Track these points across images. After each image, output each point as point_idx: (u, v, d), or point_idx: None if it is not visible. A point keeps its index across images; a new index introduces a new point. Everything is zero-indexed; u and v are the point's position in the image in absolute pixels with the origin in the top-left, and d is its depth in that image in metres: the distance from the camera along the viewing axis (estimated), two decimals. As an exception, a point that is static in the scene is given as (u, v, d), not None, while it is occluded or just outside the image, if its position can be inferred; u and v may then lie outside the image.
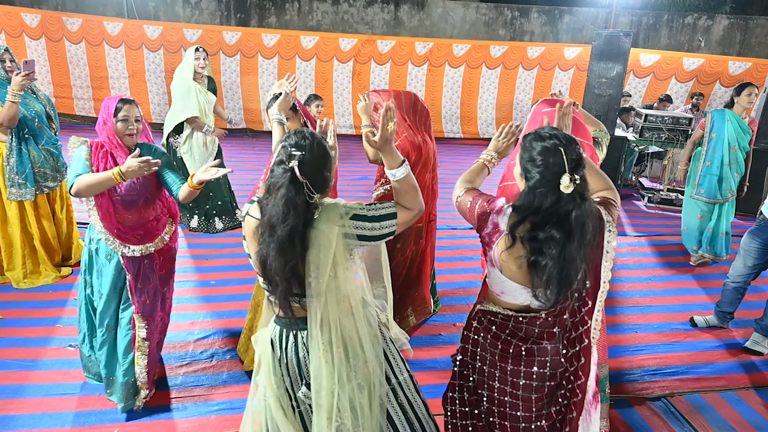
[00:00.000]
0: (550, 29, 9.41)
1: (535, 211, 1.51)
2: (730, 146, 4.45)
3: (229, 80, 8.65)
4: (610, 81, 6.28)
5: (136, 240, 2.42)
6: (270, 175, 1.54)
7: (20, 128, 3.38)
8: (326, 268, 1.51)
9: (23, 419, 2.45)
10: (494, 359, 1.70)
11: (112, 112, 2.33)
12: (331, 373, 1.56)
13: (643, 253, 4.93)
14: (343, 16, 9.09)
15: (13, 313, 3.30)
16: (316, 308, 1.55)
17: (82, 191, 2.23)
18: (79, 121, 8.61)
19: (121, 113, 2.34)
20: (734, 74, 8.46)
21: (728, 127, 4.43)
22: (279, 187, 1.49)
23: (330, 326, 1.56)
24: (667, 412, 2.76)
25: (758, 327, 3.37)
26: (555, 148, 1.51)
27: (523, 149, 1.60)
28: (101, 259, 2.42)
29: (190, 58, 4.31)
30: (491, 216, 1.62)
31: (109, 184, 2.22)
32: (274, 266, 1.50)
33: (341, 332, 1.57)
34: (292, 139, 1.56)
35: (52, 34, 8.05)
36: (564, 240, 1.48)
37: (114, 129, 2.34)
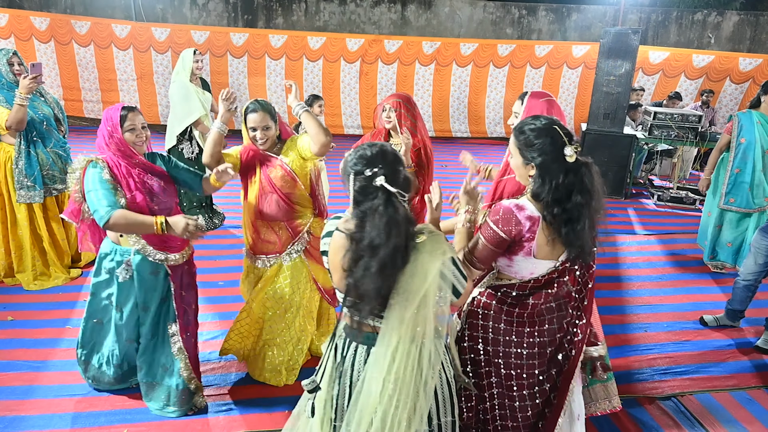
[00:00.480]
0: (558, 27, 9.35)
1: (555, 189, 1.67)
2: (763, 150, 4.12)
3: (236, 81, 8.68)
4: (618, 79, 6.23)
5: (178, 246, 2.42)
6: (357, 199, 1.52)
7: (28, 131, 3.41)
8: (416, 298, 1.47)
9: (33, 420, 2.47)
10: (509, 328, 1.84)
11: (118, 123, 2.23)
12: (379, 393, 1.51)
13: (652, 251, 4.88)
14: (350, 17, 9.09)
15: (23, 314, 3.33)
16: (390, 331, 1.50)
17: (120, 227, 2.16)
18: (88, 123, 8.68)
19: (127, 123, 2.25)
20: (744, 71, 8.35)
21: (759, 130, 4.11)
22: (375, 210, 1.46)
23: (397, 350, 1.51)
24: (677, 411, 2.74)
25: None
26: (548, 127, 1.72)
27: (518, 140, 1.76)
28: (145, 275, 2.35)
29: (188, 62, 4.31)
30: (519, 218, 1.72)
31: (147, 230, 2.16)
32: (371, 285, 1.46)
33: (406, 359, 1.52)
34: (358, 159, 1.53)
35: (61, 37, 8.13)
36: (588, 201, 1.70)
37: (123, 140, 2.25)
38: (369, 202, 1.49)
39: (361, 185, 1.51)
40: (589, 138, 6.44)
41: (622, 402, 2.76)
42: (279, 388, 2.74)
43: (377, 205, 1.47)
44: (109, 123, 2.24)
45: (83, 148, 8.33)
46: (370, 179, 1.49)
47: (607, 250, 4.85)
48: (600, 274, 4.33)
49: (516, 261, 1.79)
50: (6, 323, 3.22)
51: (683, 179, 7.11)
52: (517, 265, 1.81)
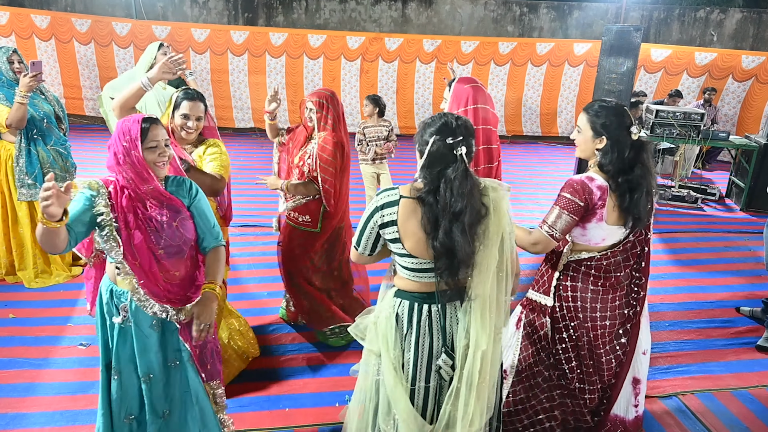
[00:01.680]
0: (559, 25, 9.32)
1: (620, 161, 1.97)
2: None
3: (237, 80, 8.67)
4: (620, 77, 6.21)
5: (188, 299, 1.93)
6: (430, 163, 1.61)
7: (29, 129, 3.41)
8: (497, 239, 1.64)
9: (35, 417, 2.47)
10: (596, 296, 2.11)
11: (138, 138, 1.78)
12: (485, 340, 1.65)
13: (654, 250, 4.85)
14: (351, 14, 9.08)
15: (24, 312, 3.33)
16: (484, 281, 1.64)
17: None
18: (89, 121, 8.69)
19: (149, 138, 1.80)
20: (747, 68, 8.32)
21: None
22: (453, 179, 1.57)
23: (487, 294, 1.66)
24: (678, 410, 2.73)
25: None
26: (622, 109, 2.02)
27: (596, 116, 2.02)
28: (143, 330, 1.89)
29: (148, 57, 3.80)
30: (591, 187, 1.99)
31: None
32: (462, 249, 1.57)
33: (495, 299, 1.68)
34: (442, 126, 1.62)
35: (62, 35, 8.13)
36: (645, 174, 1.99)
37: (142, 160, 1.79)
38: (445, 168, 1.60)
39: (439, 151, 1.61)
40: (591, 136, 6.42)
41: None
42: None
43: (456, 174, 1.58)
44: (125, 137, 1.79)
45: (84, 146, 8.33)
46: (451, 147, 1.60)
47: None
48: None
49: (589, 228, 2.04)
50: (7, 321, 3.23)
51: (685, 178, 7.09)
52: (590, 233, 2.05)
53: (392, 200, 1.67)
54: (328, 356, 3.03)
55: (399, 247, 1.69)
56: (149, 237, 1.83)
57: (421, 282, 1.71)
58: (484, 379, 1.68)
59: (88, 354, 2.93)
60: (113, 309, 1.90)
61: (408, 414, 1.70)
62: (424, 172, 1.64)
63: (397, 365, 1.73)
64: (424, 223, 1.61)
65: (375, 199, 1.72)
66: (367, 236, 1.74)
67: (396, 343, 1.74)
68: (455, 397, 1.68)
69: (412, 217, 1.64)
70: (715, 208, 6.22)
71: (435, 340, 1.72)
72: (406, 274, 1.73)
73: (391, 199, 1.67)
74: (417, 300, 1.72)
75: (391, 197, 1.68)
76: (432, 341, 1.72)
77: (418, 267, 1.69)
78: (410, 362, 1.73)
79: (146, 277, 1.83)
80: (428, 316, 1.71)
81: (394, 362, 1.72)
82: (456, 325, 1.72)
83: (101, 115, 8.74)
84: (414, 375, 1.73)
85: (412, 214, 1.64)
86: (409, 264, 1.69)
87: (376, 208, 1.69)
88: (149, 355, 1.91)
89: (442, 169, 1.60)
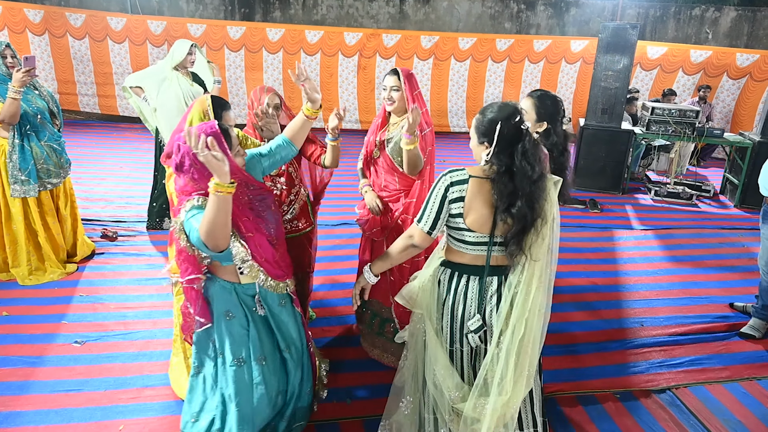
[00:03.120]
0: (557, 22, 9.31)
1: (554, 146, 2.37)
2: None
3: (233, 75, 8.63)
4: (616, 74, 6.22)
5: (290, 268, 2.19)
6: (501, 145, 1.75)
7: (22, 124, 3.38)
8: (550, 216, 1.79)
9: (29, 415, 2.46)
10: None
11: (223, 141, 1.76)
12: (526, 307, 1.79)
13: (649, 246, 4.89)
14: (348, 10, 9.04)
15: (18, 309, 3.31)
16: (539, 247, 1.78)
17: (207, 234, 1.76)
18: (83, 117, 8.63)
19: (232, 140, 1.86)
20: (742, 66, 8.35)
21: None
22: (526, 150, 1.73)
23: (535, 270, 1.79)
24: (672, 404, 2.75)
25: (754, 312, 3.42)
26: (560, 101, 2.42)
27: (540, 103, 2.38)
28: (274, 310, 2.12)
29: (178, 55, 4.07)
30: None
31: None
32: (534, 212, 1.73)
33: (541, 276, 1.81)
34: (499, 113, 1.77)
35: (56, 29, 8.06)
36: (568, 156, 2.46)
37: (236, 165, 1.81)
38: (516, 145, 1.75)
39: (509, 133, 1.75)
40: (587, 133, 6.43)
41: (618, 395, 2.78)
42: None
43: (529, 146, 1.75)
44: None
45: (79, 142, 8.28)
46: (517, 126, 1.75)
47: (604, 245, 4.86)
48: (597, 269, 4.34)
49: None
50: (1, 318, 3.20)
51: (680, 175, 7.12)
52: None
53: (463, 178, 1.82)
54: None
55: (459, 222, 1.83)
56: (265, 233, 1.98)
57: (470, 254, 1.87)
58: (525, 350, 1.80)
59: (83, 351, 2.92)
60: (243, 305, 2.04)
61: (446, 370, 1.90)
62: (495, 158, 1.77)
63: (438, 327, 1.94)
64: (499, 197, 1.75)
65: (444, 177, 1.84)
66: (433, 209, 1.84)
67: (437, 306, 1.94)
68: (492, 363, 1.82)
69: (479, 195, 1.79)
70: (710, 204, 6.24)
71: (467, 309, 1.89)
72: (458, 246, 1.88)
73: (461, 178, 1.82)
74: (458, 270, 1.90)
75: (461, 176, 1.82)
76: (464, 310, 1.89)
77: (473, 240, 1.84)
78: (448, 325, 1.93)
79: (270, 265, 2.00)
80: (465, 285, 1.89)
81: (434, 324, 1.93)
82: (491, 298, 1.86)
83: (96, 110, 8.71)
84: (451, 338, 1.93)
85: (479, 192, 1.80)
86: (465, 237, 1.85)
87: (448, 185, 1.82)
88: (286, 329, 2.13)
89: (512, 148, 1.76)
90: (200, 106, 2.11)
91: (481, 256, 1.85)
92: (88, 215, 4.62)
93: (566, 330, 3.39)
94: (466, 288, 1.89)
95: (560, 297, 3.82)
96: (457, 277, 1.90)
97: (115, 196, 5.29)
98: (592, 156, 6.43)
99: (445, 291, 1.92)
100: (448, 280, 1.93)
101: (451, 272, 1.92)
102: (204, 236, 1.70)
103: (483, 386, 1.84)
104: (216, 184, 1.64)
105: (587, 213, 5.71)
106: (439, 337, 1.93)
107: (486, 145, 1.81)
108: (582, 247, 4.76)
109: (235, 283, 2.03)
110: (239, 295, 2.04)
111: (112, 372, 2.77)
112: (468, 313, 1.89)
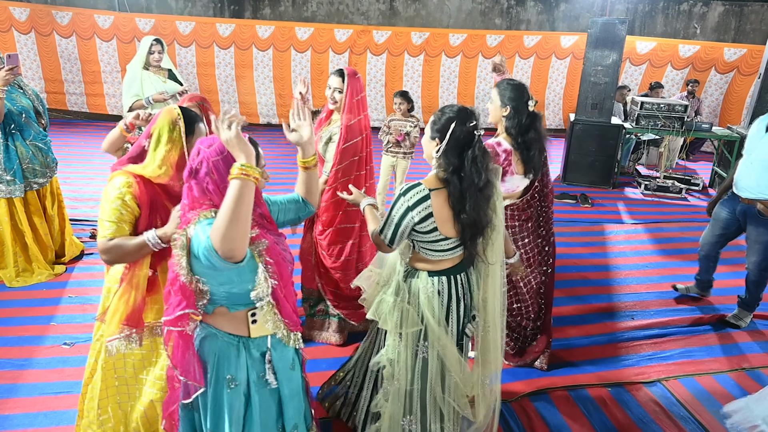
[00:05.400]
0: (546, 18, 9.33)
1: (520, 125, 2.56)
2: None
3: (224, 73, 8.57)
4: (606, 69, 6.24)
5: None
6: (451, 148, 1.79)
7: (6, 123, 3.33)
8: (502, 213, 1.94)
9: (18, 418, 2.43)
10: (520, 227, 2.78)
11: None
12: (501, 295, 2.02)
13: (639, 240, 4.92)
14: (338, 7, 9.00)
15: (6, 311, 3.27)
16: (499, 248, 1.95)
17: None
18: (71, 116, 8.54)
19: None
20: (729, 61, 8.42)
21: None
22: (475, 157, 1.78)
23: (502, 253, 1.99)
24: (663, 397, 2.77)
25: (741, 303, 3.49)
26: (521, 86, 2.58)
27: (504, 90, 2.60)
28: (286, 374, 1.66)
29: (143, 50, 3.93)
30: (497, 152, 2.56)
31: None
32: (482, 216, 1.82)
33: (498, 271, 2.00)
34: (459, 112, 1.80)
35: (42, 28, 7.96)
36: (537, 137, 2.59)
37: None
38: (465, 150, 1.79)
39: (461, 135, 1.78)
40: (577, 128, 6.45)
41: (610, 389, 2.80)
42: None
43: (479, 153, 1.80)
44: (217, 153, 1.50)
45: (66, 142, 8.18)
46: (470, 130, 1.79)
47: (595, 239, 4.89)
48: (588, 263, 4.36)
49: (507, 181, 2.63)
50: (-12, 320, 3.17)
51: (670, 169, 7.16)
52: (507, 185, 2.64)
53: (423, 196, 1.82)
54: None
55: (436, 235, 1.85)
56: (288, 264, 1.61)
57: (452, 258, 1.95)
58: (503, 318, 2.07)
59: (72, 353, 2.89)
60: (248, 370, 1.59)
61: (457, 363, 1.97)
62: (444, 157, 1.80)
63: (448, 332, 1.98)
64: (453, 202, 1.80)
65: (402, 200, 1.83)
66: (391, 227, 1.87)
67: (440, 315, 1.96)
68: (483, 340, 2.03)
69: (444, 205, 1.83)
70: (700, 198, 6.29)
71: (464, 303, 2.00)
72: (439, 255, 1.92)
73: (421, 196, 1.82)
74: (447, 273, 1.96)
75: (420, 194, 1.82)
76: (464, 305, 2.00)
77: (451, 246, 1.90)
78: (455, 324, 1.99)
79: (287, 307, 1.60)
80: (461, 284, 1.99)
81: (446, 331, 1.96)
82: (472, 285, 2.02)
83: (84, 109, 8.61)
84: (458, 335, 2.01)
85: (443, 202, 1.83)
86: (444, 246, 1.89)
87: (408, 207, 1.81)
88: (294, 404, 1.68)
89: (463, 150, 1.78)
90: (168, 115, 1.85)
91: (460, 254, 1.96)
92: (77, 215, 4.57)
93: (557, 324, 3.40)
94: (462, 286, 2.00)
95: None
96: (454, 281, 1.98)
97: (104, 196, 5.23)
98: (583, 151, 6.46)
99: (447, 297, 1.96)
100: (447, 286, 1.96)
101: (447, 279, 1.96)
102: (218, 238, 1.32)
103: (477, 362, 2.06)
104: (242, 165, 1.35)
105: (578, 207, 5.73)
106: (449, 340, 1.96)
107: (437, 141, 1.84)
108: (573, 242, 4.78)
109: (242, 336, 1.58)
110: (250, 353, 1.58)
111: (101, 373, 2.74)
112: (464, 309, 2.00)
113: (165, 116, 1.86)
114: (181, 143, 1.84)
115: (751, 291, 3.41)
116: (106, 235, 1.76)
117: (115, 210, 1.77)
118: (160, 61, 4.00)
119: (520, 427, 2.51)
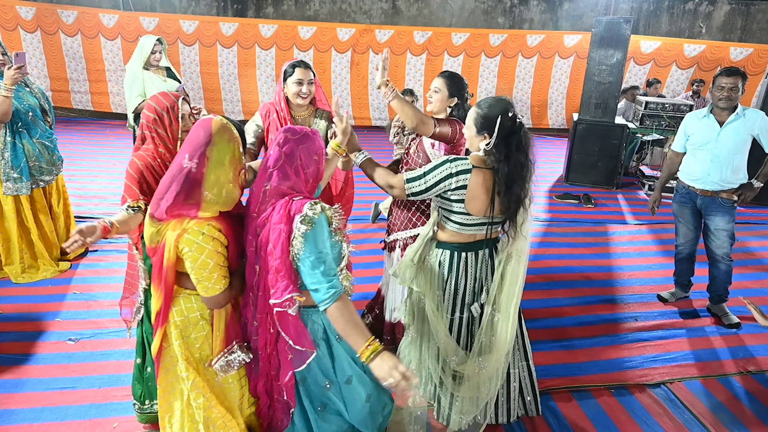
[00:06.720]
0: (550, 17, 9.31)
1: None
2: None
3: (226, 72, 8.59)
4: (610, 68, 6.23)
5: None
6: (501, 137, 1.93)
7: (14, 122, 3.36)
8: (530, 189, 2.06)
9: (23, 413, 2.45)
10: None
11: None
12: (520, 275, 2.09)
13: (643, 241, 4.91)
14: (341, 6, 9.01)
15: (12, 307, 3.30)
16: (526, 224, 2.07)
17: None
18: (76, 114, 8.58)
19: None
20: (735, 60, 8.38)
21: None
22: (520, 141, 1.94)
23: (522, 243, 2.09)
24: (666, 399, 2.76)
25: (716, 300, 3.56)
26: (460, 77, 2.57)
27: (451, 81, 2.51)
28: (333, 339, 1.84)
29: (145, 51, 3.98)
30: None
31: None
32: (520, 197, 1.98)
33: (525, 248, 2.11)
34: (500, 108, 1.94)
35: (48, 26, 8.00)
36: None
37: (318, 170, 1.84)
38: (512, 136, 1.94)
39: (507, 125, 1.93)
40: (581, 128, 6.44)
41: (613, 390, 2.80)
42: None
43: (524, 137, 1.96)
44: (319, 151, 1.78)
45: (71, 140, 8.20)
46: (513, 119, 1.95)
47: (598, 240, 4.88)
48: (591, 264, 4.36)
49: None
50: (-6, 317, 3.20)
51: (674, 169, 7.13)
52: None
53: (466, 168, 1.98)
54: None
55: (460, 206, 2.01)
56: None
57: (466, 234, 2.08)
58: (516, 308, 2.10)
59: (77, 349, 2.92)
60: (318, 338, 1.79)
61: (446, 339, 2.12)
62: (495, 148, 1.94)
63: (439, 302, 2.13)
64: (499, 186, 1.95)
65: (448, 164, 1.98)
66: (426, 184, 2.00)
67: (440, 284, 2.13)
68: (489, 327, 2.12)
69: (481, 184, 1.97)
70: (703, 199, 6.27)
71: (468, 281, 2.12)
72: (456, 228, 2.07)
73: (464, 168, 1.98)
74: (456, 249, 2.11)
75: (465, 166, 1.98)
76: (466, 282, 2.12)
77: (471, 222, 2.04)
78: (450, 298, 2.13)
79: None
80: (465, 262, 2.11)
81: (436, 300, 2.12)
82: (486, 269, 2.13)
83: (89, 107, 8.65)
84: (453, 308, 2.15)
85: (481, 181, 1.97)
86: (463, 220, 2.05)
87: (451, 173, 1.97)
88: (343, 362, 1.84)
89: (509, 138, 1.93)
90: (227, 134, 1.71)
91: (477, 234, 2.08)
92: (81, 212, 4.60)
93: (560, 325, 3.41)
94: (466, 265, 2.12)
95: (554, 292, 3.84)
96: (457, 256, 2.11)
97: (108, 193, 5.27)
98: (586, 151, 6.45)
99: (447, 270, 2.12)
100: (449, 260, 2.12)
101: (451, 252, 2.12)
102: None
103: (480, 348, 2.12)
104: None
105: (581, 208, 5.73)
106: (439, 310, 2.13)
107: (485, 136, 1.98)
108: (576, 242, 4.78)
109: (311, 307, 1.75)
110: (324, 323, 1.80)
111: (106, 369, 2.77)
112: (470, 287, 2.13)
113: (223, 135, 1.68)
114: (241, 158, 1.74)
115: (723, 281, 3.48)
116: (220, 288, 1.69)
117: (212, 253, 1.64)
118: (159, 61, 4.07)
119: (522, 427, 2.51)
